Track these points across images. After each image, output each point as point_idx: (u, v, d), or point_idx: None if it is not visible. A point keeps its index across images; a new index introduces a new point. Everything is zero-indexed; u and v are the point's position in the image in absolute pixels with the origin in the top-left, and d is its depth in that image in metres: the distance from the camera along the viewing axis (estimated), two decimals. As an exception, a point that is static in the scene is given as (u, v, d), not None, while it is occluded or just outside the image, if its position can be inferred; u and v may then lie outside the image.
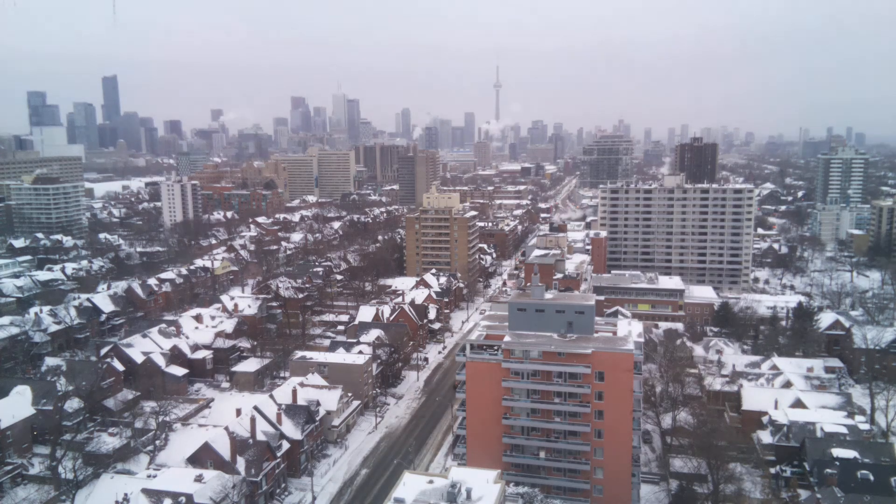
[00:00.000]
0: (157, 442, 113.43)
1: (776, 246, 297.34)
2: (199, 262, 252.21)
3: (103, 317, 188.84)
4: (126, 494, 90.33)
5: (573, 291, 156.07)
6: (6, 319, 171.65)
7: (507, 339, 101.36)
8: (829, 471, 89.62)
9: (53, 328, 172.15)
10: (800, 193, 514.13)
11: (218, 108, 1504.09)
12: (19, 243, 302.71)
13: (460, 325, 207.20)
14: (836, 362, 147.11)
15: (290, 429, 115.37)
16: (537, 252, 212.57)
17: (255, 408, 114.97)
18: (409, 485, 72.58)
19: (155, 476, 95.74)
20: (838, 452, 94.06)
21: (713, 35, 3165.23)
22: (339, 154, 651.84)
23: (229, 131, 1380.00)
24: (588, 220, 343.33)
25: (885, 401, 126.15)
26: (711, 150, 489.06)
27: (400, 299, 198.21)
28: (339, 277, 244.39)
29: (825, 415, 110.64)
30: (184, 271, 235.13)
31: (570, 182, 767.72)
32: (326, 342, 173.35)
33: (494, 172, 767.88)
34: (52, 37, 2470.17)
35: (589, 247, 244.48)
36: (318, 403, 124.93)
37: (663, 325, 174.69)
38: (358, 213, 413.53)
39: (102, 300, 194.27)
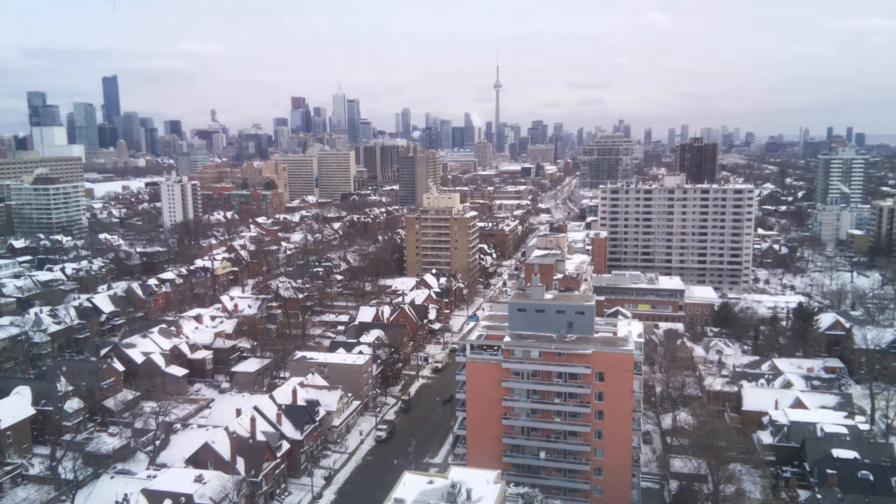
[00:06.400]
0: (157, 442, 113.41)
1: (776, 246, 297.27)
2: (199, 263, 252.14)
3: (103, 317, 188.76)
4: (126, 495, 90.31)
5: (573, 292, 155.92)
6: (6, 319, 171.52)
7: (507, 339, 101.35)
8: (829, 471, 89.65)
9: (53, 328, 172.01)
10: (800, 193, 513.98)
11: (218, 108, 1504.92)
12: (19, 243, 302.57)
13: (460, 326, 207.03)
14: (836, 362, 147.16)
15: (290, 429, 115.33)
16: (537, 252, 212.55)
17: (255, 408, 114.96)
18: (409, 485, 72.46)
19: (155, 476, 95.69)
20: (838, 453, 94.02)
21: (714, 35, 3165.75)
22: (339, 154, 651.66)
23: (229, 131, 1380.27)
24: (588, 220, 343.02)
25: (885, 401, 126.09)
26: (711, 150, 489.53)
27: (400, 300, 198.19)
28: (339, 278, 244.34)
29: (825, 415, 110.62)
30: (184, 271, 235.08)
31: (570, 182, 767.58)
32: (326, 342, 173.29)
33: (494, 172, 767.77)
34: (53, 36, 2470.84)
35: (589, 247, 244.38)
36: (318, 403, 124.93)
37: (663, 325, 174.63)
38: (358, 213, 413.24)
39: (102, 300, 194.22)
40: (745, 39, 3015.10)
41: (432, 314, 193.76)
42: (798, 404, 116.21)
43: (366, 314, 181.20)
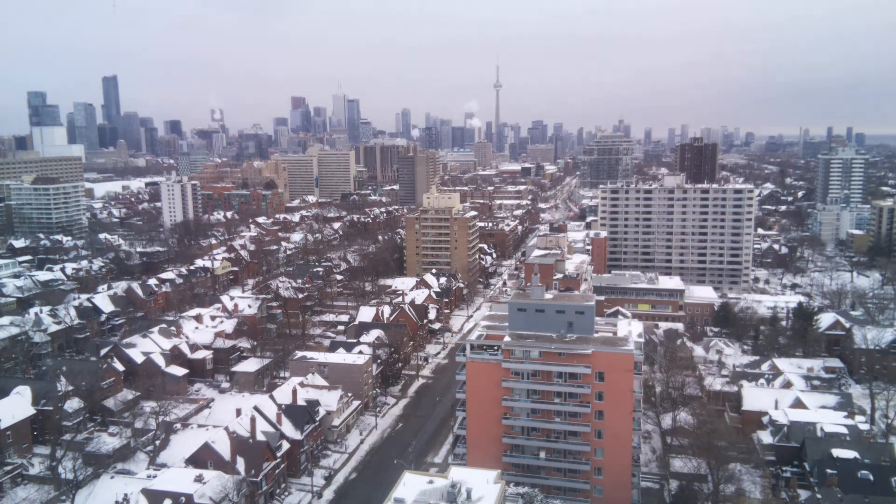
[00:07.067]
0: (157, 442, 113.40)
1: (776, 246, 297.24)
2: (199, 262, 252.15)
3: (103, 317, 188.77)
4: (126, 495, 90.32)
5: (573, 291, 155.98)
6: (6, 319, 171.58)
7: (507, 339, 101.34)
8: (829, 471, 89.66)
9: (53, 328, 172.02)
10: (800, 193, 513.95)
11: (218, 108, 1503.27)
12: (19, 243, 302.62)
13: (460, 326, 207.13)
14: (836, 362, 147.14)
15: (290, 429, 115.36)
16: (537, 252, 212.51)
17: (255, 408, 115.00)
18: (409, 485, 72.48)
19: (155, 476, 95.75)
20: (838, 453, 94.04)
21: (713, 35, 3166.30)
22: (339, 154, 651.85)
23: (229, 131, 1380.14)
24: (588, 220, 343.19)
25: (885, 401, 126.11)
26: (711, 150, 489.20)
27: (400, 299, 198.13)
28: (339, 277, 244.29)
29: (825, 415, 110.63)
30: (184, 271, 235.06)
31: (570, 182, 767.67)
32: (326, 342, 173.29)
33: (494, 172, 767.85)
34: (53, 36, 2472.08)
35: (589, 247, 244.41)
36: (318, 403, 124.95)
37: (663, 325, 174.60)
38: (358, 213, 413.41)
39: (102, 300, 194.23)
40: (745, 40, 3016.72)
41: (432, 314, 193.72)
42: (798, 404, 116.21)
43: (366, 314, 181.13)
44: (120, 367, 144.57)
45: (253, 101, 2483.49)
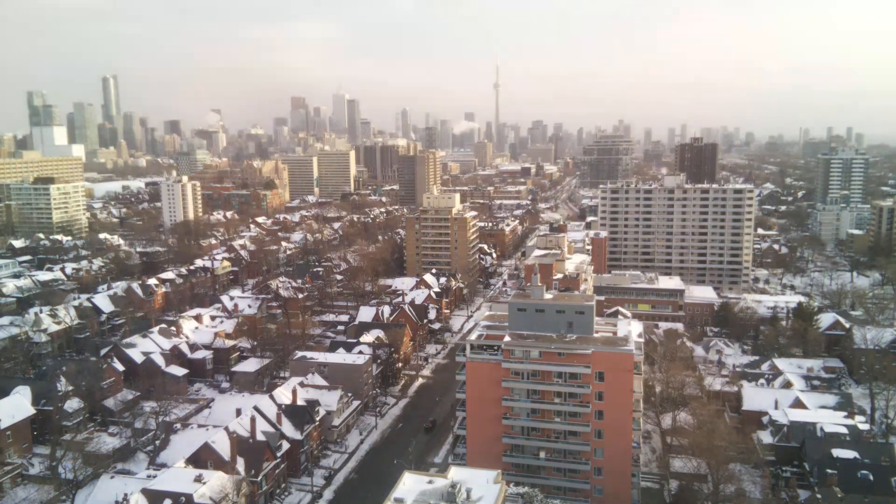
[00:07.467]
0: (157, 442, 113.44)
1: (776, 246, 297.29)
2: (199, 263, 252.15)
3: (103, 317, 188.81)
4: (126, 494, 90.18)
5: (573, 291, 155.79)
6: (6, 319, 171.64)
7: (507, 339, 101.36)
8: (829, 471, 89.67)
9: (53, 328, 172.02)
10: (800, 193, 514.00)
11: (218, 108, 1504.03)
12: (19, 243, 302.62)
13: (460, 326, 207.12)
14: (836, 362, 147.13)
15: (290, 429, 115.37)
16: (537, 252, 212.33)
17: (255, 408, 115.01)
18: (409, 485, 72.40)
19: (155, 476, 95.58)
20: (838, 452, 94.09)
21: (713, 35, 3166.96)
22: (339, 154, 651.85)
23: (229, 131, 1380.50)
24: (588, 220, 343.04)
25: (885, 401, 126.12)
26: (711, 150, 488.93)
27: (400, 299, 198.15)
28: (339, 277, 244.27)
29: (825, 415, 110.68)
30: (184, 271, 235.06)
31: (570, 182, 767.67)
32: (326, 342, 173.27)
33: (494, 172, 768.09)
34: (53, 37, 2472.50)
35: (589, 247, 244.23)
36: (318, 403, 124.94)
37: (663, 325, 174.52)
38: (358, 213, 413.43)
39: (102, 300, 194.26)
40: (745, 40, 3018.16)
41: (432, 314, 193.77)
42: (798, 404, 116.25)
43: (366, 314, 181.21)
44: (120, 367, 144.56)
45: (253, 101, 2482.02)
